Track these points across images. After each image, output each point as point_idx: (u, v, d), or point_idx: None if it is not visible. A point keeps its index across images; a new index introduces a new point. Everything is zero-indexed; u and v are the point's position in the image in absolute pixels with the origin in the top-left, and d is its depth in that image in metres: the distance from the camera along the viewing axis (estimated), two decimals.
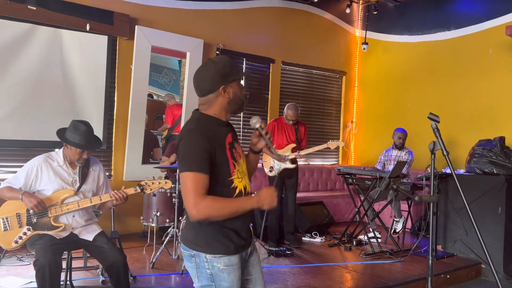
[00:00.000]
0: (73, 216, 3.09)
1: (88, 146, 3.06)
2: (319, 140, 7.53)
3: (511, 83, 6.02)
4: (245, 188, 1.99)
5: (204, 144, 1.84)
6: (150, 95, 6.03)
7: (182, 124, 5.94)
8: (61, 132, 3.11)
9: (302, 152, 5.31)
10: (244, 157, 2.13)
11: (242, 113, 6.77)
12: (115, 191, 3.04)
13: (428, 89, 7.01)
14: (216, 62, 1.95)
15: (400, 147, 5.91)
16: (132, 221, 5.58)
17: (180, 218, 4.43)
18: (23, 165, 3.09)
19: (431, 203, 2.84)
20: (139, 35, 5.57)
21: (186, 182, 1.82)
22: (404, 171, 5.38)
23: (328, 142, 5.34)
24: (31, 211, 2.95)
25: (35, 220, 2.97)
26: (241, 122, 6.74)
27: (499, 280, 2.32)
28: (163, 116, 6.56)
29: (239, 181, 1.97)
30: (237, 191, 1.95)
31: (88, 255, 3.73)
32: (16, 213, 2.97)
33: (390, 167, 5.81)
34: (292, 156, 5.15)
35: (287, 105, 5.30)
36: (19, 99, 4.95)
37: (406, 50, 7.37)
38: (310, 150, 5.38)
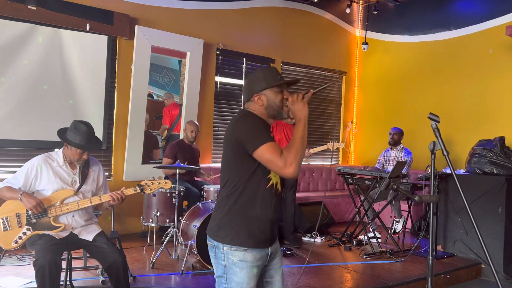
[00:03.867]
0: (73, 216, 3.08)
1: (88, 146, 3.06)
2: (319, 140, 7.54)
3: (511, 83, 6.02)
4: (276, 183, 2.05)
5: (261, 122, 2.02)
6: (150, 95, 6.02)
7: (182, 123, 5.94)
8: (61, 132, 3.11)
9: (312, 150, 5.31)
10: None
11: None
12: (114, 192, 3.04)
13: (428, 89, 7.01)
14: (255, 72, 2.11)
15: (393, 143, 5.91)
16: (132, 221, 5.58)
17: (180, 218, 4.43)
18: (23, 165, 3.09)
19: (431, 203, 2.84)
20: (139, 35, 5.57)
21: (264, 155, 1.91)
22: (404, 171, 5.38)
23: (328, 143, 5.33)
24: (29, 212, 2.95)
25: (34, 220, 2.97)
26: None
27: (499, 280, 2.32)
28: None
29: (274, 175, 2.04)
30: (270, 182, 2.02)
31: (88, 255, 3.72)
32: (16, 213, 2.97)
33: (389, 168, 5.82)
34: None
35: None
36: (19, 99, 4.95)
37: (406, 50, 7.37)
38: (315, 150, 5.38)
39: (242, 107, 6.83)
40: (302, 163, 6.44)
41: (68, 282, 3.30)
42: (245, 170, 1.98)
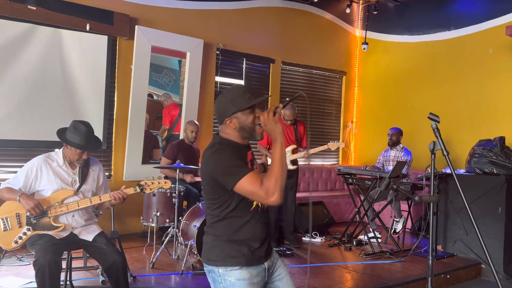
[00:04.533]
0: (73, 216, 3.08)
1: (88, 147, 3.06)
2: (319, 140, 7.54)
3: (511, 83, 6.02)
4: (260, 203, 2.03)
5: (234, 155, 1.96)
6: (150, 95, 6.02)
7: (182, 122, 5.94)
8: (61, 132, 3.11)
9: (311, 151, 5.31)
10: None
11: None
12: (115, 191, 3.04)
13: (428, 89, 7.01)
14: (223, 95, 2.06)
15: (392, 144, 5.92)
16: (132, 221, 5.58)
17: (180, 218, 4.43)
18: (23, 165, 3.09)
19: (431, 203, 2.83)
20: (139, 35, 5.57)
21: (245, 188, 1.88)
22: (403, 171, 5.38)
23: (328, 143, 5.33)
24: (28, 214, 2.95)
25: (34, 220, 2.97)
26: None
27: (499, 280, 2.32)
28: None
29: None
30: (254, 204, 2.01)
31: (88, 255, 3.72)
32: (16, 213, 2.97)
33: (389, 168, 5.82)
34: (300, 155, 5.15)
35: None
36: (19, 99, 4.95)
37: (406, 50, 7.37)
38: (315, 150, 5.38)
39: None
40: (303, 163, 6.42)
41: (68, 282, 3.30)
42: (227, 202, 1.97)
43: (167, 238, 4.54)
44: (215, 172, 1.94)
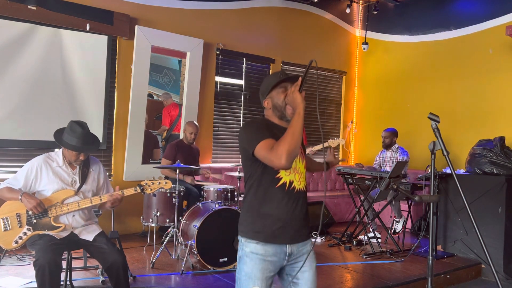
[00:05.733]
0: (73, 216, 3.08)
1: (84, 148, 3.05)
2: (319, 140, 7.53)
3: (511, 83, 6.02)
4: (291, 182, 2.07)
5: (262, 126, 2.07)
6: (150, 95, 6.02)
7: (182, 122, 5.94)
8: (58, 134, 3.10)
9: (315, 148, 5.31)
10: (303, 158, 2.21)
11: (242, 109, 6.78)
12: (110, 193, 3.04)
13: (428, 89, 7.01)
14: (263, 80, 2.21)
15: (385, 147, 5.90)
16: (132, 221, 5.58)
17: (180, 218, 4.43)
18: (23, 165, 3.09)
19: (431, 203, 2.83)
20: (139, 35, 5.57)
21: (260, 153, 1.96)
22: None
23: (329, 141, 5.32)
24: (30, 212, 2.95)
25: (35, 220, 2.97)
26: (241, 120, 6.74)
27: (499, 280, 2.32)
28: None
29: (286, 174, 2.06)
30: (281, 182, 2.05)
31: (88, 255, 3.73)
32: (16, 213, 2.97)
33: (386, 168, 5.82)
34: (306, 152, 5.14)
35: None
36: (19, 99, 4.95)
37: (406, 50, 7.37)
38: (317, 147, 5.38)
39: (241, 108, 6.84)
40: None
41: (68, 282, 3.30)
42: (253, 171, 2.07)
43: (167, 238, 4.54)
44: (241, 140, 2.06)
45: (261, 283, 2.02)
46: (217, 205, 4.24)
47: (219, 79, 6.54)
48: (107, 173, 5.25)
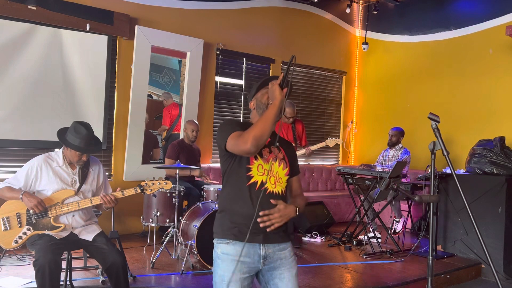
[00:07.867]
0: (73, 216, 3.08)
1: (87, 149, 3.05)
2: (319, 141, 7.52)
3: (511, 83, 6.02)
4: (263, 183, 2.04)
5: (235, 123, 2.12)
6: (150, 95, 6.02)
7: (182, 122, 5.94)
8: (61, 133, 3.10)
9: (312, 147, 5.31)
10: (286, 166, 2.16)
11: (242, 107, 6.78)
12: (103, 194, 3.04)
13: (428, 89, 7.01)
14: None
15: (391, 144, 5.93)
16: (132, 221, 5.58)
17: (180, 218, 4.43)
18: (23, 165, 3.09)
19: (431, 203, 2.83)
20: (139, 35, 5.57)
21: (230, 142, 2.00)
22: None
23: (326, 140, 5.34)
24: (31, 211, 2.95)
25: (35, 220, 2.97)
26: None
27: (499, 280, 2.32)
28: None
29: (259, 174, 2.06)
30: (251, 180, 2.04)
31: (88, 255, 3.73)
32: (16, 213, 2.97)
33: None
34: (300, 153, 5.15)
35: None
36: (19, 99, 4.95)
37: (406, 50, 7.37)
38: (313, 147, 5.38)
39: (241, 108, 6.85)
40: (303, 163, 6.41)
41: (68, 282, 3.30)
42: (227, 167, 2.10)
43: (167, 238, 4.54)
44: (217, 137, 2.11)
45: (235, 285, 1.97)
46: (217, 205, 4.24)
47: (219, 79, 6.54)
48: (107, 173, 5.27)
